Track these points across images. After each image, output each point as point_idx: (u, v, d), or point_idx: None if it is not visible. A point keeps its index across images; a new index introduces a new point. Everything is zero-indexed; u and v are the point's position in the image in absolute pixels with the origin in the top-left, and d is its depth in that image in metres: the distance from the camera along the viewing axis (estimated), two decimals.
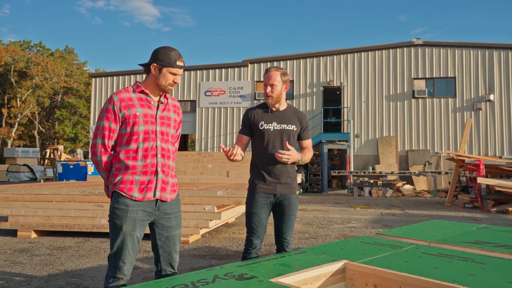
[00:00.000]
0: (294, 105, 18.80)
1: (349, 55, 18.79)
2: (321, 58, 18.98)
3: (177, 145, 2.50)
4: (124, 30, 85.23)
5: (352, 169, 17.01)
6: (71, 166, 16.68)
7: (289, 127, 2.87)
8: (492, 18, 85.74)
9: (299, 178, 10.14)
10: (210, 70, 19.73)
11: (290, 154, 2.68)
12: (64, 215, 5.53)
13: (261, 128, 2.83)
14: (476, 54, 17.87)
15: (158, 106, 2.30)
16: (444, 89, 18.08)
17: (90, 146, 2.57)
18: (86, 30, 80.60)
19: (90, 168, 16.81)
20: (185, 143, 31.82)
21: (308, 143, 2.98)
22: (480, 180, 9.51)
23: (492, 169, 10.45)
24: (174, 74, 2.24)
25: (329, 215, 8.45)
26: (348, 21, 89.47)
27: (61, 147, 19.08)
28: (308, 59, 19.06)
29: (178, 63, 2.24)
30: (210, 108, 19.49)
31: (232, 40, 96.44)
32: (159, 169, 2.25)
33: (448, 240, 2.75)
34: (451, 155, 15.43)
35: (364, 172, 15.34)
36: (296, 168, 3.01)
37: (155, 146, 2.24)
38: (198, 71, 19.77)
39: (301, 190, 16.04)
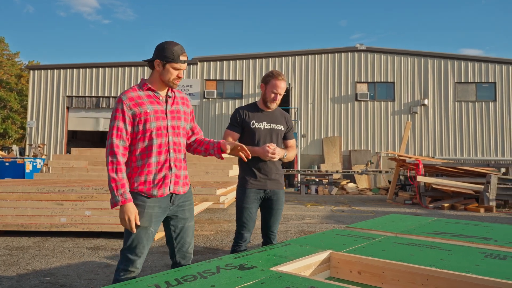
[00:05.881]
0: (243, 105, 18.99)
1: (296, 57, 19.35)
2: (270, 59, 19.37)
3: (201, 133, 2.57)
4: (60, 20, 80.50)
5: (299, 168, 17.56)
6: (7, 164, 15.70)
7: (278, 127, 3.06)
8: (424, 27, 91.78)
9: None
10: None
11: (276, 149, 2.88)
12: (20, 214, 5.28)
13: (252, 127, 2.99)
14: (413, 61, 19.17)
15: (166, 101, 2.33)
16: (384, 93, 19.21)
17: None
18: (17, 19, 75.29)
19: (28, 166, 15.90)
20: None
21: (292, 142, 3.19)
22: (419, 178, 10.30)
23: (429, 168, 11.34)
24: (178, 69, 2.26)
25: (283, 212, 8.75)
26: (293, 24, 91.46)
27: None
28: (257, 60, 19.36)
29: (181, 58, 2.26)
30: None
31: (176, 37, 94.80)
32: (172, 164, 2.30)
33: (411, 231, 3.07)
34: (390, 155, 16.45)
35: (311, 171, 15.92)
36: None
37: (167, 141, 2.28)
38: (145, 67, 19.35)
39: None
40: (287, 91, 19.22)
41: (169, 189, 2.30)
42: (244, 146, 2.41)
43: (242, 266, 2.02)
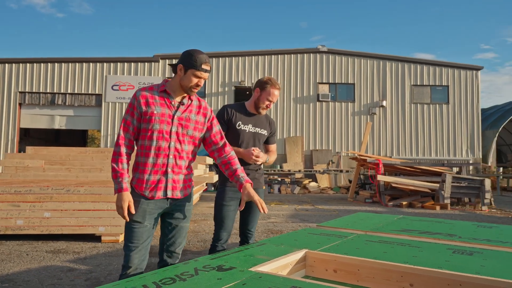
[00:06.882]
0: (211, 103, 18.99)
1: (260, 57, 19.42)
2: (233, 58, 19.32)
3: (222, 142, 2.50)
4: (10, 12, 76.54)
5: (262, 167, 17.64)
6: None
7: (261, 131, 3.12)
8: (380, 30, 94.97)
9: (216, 177, 10.28)
10: (118, 63, 18.88)
11: (260, 153, 2.90)
12: None
13: (238, 128, 3.01)
14: (372, 64, 19.74)
15: (178, 107, 2.34)
16: (345, 94, 19.66)
17: None
18: None
19: None
20: (83, 139, 29.89)
21: (273, 147, 3.25)
22: (380, 177, 10.62)
23: (388, 167, 11.71)
24: (198, 77, 2.30)
25: None
26: (254, 25, 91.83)
27: None
28: (220, 59, 19.26)
29: (204, 66, 2.28)
30: (117, 103, 18.64)
31: (137, 34, 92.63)
32: (169, 170, 2.31)
33: (380, 229, 3.15)
34: (350, 154, 16.86)
35: (274, 170, 16.02)
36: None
37: (168, 146, 2.30)
38: (104, 64, 18.77)
39: (213, 188, 16.20)
40: (250, 90, 19.25)
41: (165, 194, 2.33)
42: (260, 201, 2.41)
43: (220, 267, 1.99)
